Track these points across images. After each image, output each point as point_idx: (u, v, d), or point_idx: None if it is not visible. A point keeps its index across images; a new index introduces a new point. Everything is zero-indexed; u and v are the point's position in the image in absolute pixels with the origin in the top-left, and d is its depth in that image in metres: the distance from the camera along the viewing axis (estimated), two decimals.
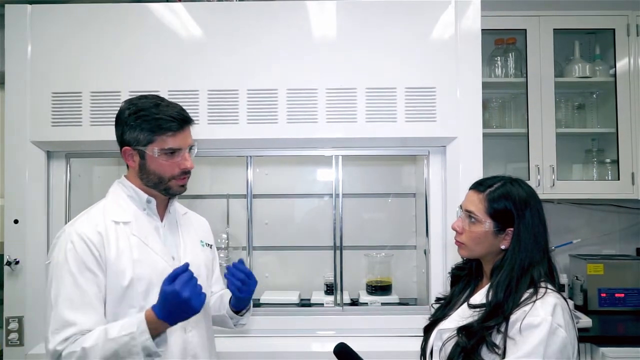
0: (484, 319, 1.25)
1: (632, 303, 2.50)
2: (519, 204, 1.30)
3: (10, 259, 1.97)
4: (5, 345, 1.97)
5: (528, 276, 1.26)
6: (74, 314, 1.25)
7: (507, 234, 1.30)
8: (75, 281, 1.27)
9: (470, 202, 1.35)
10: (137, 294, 1.32)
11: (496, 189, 1.32)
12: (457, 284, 1.47)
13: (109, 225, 1.35)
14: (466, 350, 1.23)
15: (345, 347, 1.47)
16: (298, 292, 2.40)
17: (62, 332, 1.24)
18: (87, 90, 2.01)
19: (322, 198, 2.62)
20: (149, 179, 1.39)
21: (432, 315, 1.47)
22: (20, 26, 2.01)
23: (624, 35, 2.52)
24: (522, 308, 1.22)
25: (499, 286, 1.26)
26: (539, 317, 1.18)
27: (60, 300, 1.26)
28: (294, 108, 2.01)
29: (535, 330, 1.17)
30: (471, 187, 1.39)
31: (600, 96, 2.70)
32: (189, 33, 2.03)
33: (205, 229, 1.62)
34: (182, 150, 1.39)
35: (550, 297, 1.23)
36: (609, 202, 2.76)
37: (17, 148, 2.01)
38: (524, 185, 1.35)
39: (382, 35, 2.02)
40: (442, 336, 1.33)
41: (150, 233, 1.40)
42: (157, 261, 1.37)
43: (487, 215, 1.31)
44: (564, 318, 1.21)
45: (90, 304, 1.27)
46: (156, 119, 1.35)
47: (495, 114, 2.67)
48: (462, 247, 1.38)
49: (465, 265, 1.47)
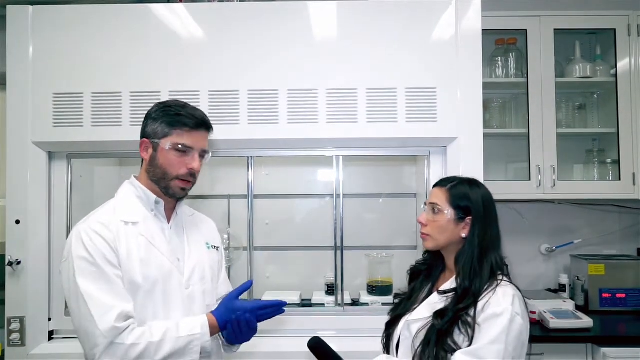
0: (456, 302, 1.37)
1: (633, 303, 2.50)
2: (476, 194, 1.47)
3: (12, 259, 1.98)
4: (6, 346, 1.98)
5: (488, 260, 1.41)
6: (113, 299, 1.27)
7: (467, 223, 1.45)
8: (103, 272, 1.29)
9: (435, 196, 1.51)
10: (142, 294, 1.34)
11: (457, 183, 1.50)
12: (417, 279, 1.59)
13: (120, 225, 1.36)
14: (441, 332, 1.34)
15: (320, 342, 1.51)
16: (299, 293, 2.41)
17: (110, 313, 1.25)
18: (88, 91, 2.01)
19: (322, 198, 2.62)
20: (155, 172, 1.41)
21: (392, 311, 1.59)
22: (21, 27, 2.02)
23: (624, 35, 2.52)
24: (486, 297, 1.35)
25: (464, 270, 1.41)
26: (501, 306, 1.32)
27: (93, 289, 1.27)
28: (295, 108, 2.02)
29: (498, 319, 1.31)
30: (435, 184, 1.55)
31: (601, 96, 2.70)
32: (190, 34, 2.03)
33: (211, 231, 1.62)
34: (194, 150, 1.41)
35: (509, 289, 1.37)
36: (610, 203, 2.76)
37: (18, 149, 2.01)
38: (480, 185, 1.52)
39: (382, 35, 2.02)
40: (410, 327, 1.44)
41: (157, 234, 1.41)
42: (163, 262, 1.39)
43: (449, 204, 1.46)
44: (520, 307, 1.35)
45: (122, 291, 1.31)
46: (178, 114, 1.41)
47: (496, 114, 2.67)
48: (427, 239, 1.51)
49: (425, 261, 1.61)
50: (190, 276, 1.44)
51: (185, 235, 1.50)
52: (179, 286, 1.40)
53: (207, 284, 1.49)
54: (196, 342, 1.31)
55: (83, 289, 1.27)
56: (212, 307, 1.46)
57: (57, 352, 1.99)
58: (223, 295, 1.61)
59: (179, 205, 1.50)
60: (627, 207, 2.76)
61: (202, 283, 1.47)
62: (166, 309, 1.37)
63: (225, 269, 1.68)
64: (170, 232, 1.46)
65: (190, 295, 1.42)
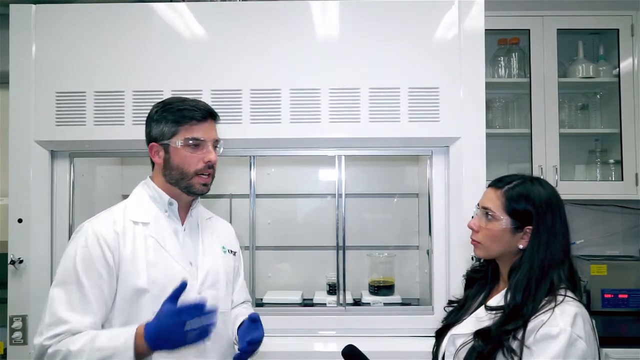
0: (502, 322, 1.20)
1: (636, 304, 2.49)
2: (538, 202, 1.25)
3: (15, 258, 1.98)
4: (9, 344, 1.98)
5: (548, 279, 1.21)
6: (70, 313, 1.23)
7: (526, 233, 1.25)
8: (78, 280, 1.25)
9: (488, 199, 1.31)
10: (149, 298, 1.28)
11: (515, 186, 1.28)
12: (472, 287, 1.43)
13: (127, 225, 1.33)
14: (482, 355, 1.19)
15: (355, 350, 1.43)
16: (301, 292, 2.41)
17: (54, 329, 1.22)
18: (91, 90, 2.01)
19: (325, 198, 2.62)
20: (172, 175, 1.37)
21: (445, 319, 1.43)
22: (24, 26, 2.02)
23: (627, 36, 2.51)
24: (540, 317, 1.16)
25: (517, 287, 1.21)
26: (557, 327, 1.13)
27: (59, 296, 1.25)
28: (297, 108, 2.01)
29: (553, 342, 1.12)
30: (489, 184, 1.35)
31: (603, 96, 2.69)
32: (192, 33, 2.03)
33: (229, 235, 1.57)
34: (207, 142, 1.37)
35: (570, 306, 1.17)
36: (613, 203, 2.75)
37: (21, 147, 2.01)
38: (544, 184, 1.31)
39: (385, 35, 2.01)
40: (455, 341, 1.29)
41: (169, 236, 1.37)
42: (173, 265, 1.34)
43: (505, 212, 1.27)
44: (584, 329, 1.15)
45: (89, 305, 1.25)
46: (180, 109, 1.36)
47: (498, 114, 2.67)
48: (477, 247, 1.33)
49: (481, 267, 1.42)
50: (203, 281, 1.38)
51: (200, 238, 1.44)
52: (191, 291, 1.31)
53: (221, 289, 1.43)
54: (114, 357, 1.16)
55: (54, 290, 1.27)
56: (225, 314, 1.42)
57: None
58: (239, 302, 1.56)
59: (194, 206, 1.45)
60: (630, 207, 2.76)
61: (215, 288, 1.40)
62: None
63: (243, 276, 1.61)
64: (184, 234, 1.41)
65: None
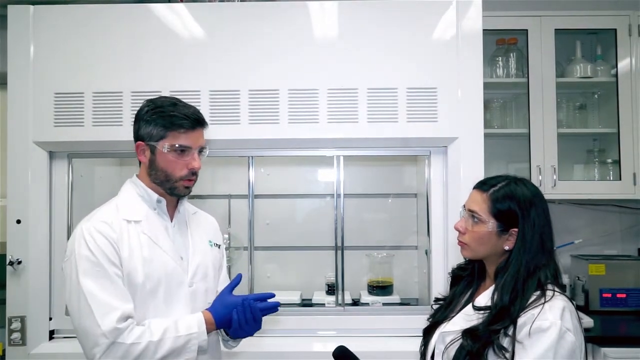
0: (489, 322, 1.21)
1: (634, 303, 2.50)
2: (523, 204, 1.27)
3: (13, 258, 1.98)
4: (7, 345, 1.98)
5: (535, 279, 1.24)
6: (115, 300, 1.27)
7: (511, 235, 1.28)
8: (105, 272, 1.29)
9: (474, 202, 1.32)
10: (145, 293, 1.34)
11: (500, 189, 1.30)
12: (458, 284, 1.44)
13: (122, 224, 1.36)
14: (472, 353, 1.20)
15: (345, 350, 1.45)
16: (299, 292, 2.41)
17: (112, 314, 1.25)
18: (89, 91, 2.01)
19: (323, 198, 2.62)
20: (157, 175, 1.41)
21: (432, 316, 1.45)
22: (22, 27, 2.02)
23: (625, 35, 2.52)
24: (531, 311, 1.19)
25: (504, 289, 1.23)
26: (547, 321, 1.16)
27: (96, 289, 1.27)
28: (296, 108, 2.01)
29: (544, 335, 1.15)
30: (475, 186, 1.36)
31: (601, 96, 2.70)
32: (190, 33, 2.03)
33: (214, 229, 1.62)
34: (192, 150, 1.41)
35: (558, 301, 1.20)
36: (611, 203, 2.76)
37: (19, 148, 2.01)
38: (529, 185, 1.32)
39: (383, 35, 2.02)
40: (444, 339, 1.31)
41: (161, 232, 1.41)
42: (167, 261, 1.39)
43: (491, 215, 1.28)
44: (572, 322, 1.19)
45: (123, 291, 1.30)
46: (171, 115, 1.39)
47: (496, 114, 2.67)
48: (464, 248, 1.35)
49: (467, 265, 1.44)
50: (194, 274, 1.44)
51: (189, 233, 1.49)
52: (183, 284, 1.40)
53: (210, 282, 1.49)
54: (193, 340, 1.32)
55: (86, 288, 1.27)
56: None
57: (57, 351, 1.99)
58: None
59: (181, 203, 1.50)
60: (628, 207, 2.76)
61: (205, 281, 1.47)
62: (168, 307, 1.37)
63: (226, 268, 1.67)
64: (174, 230, 1.46)
65: (193, 293, 1.42)
